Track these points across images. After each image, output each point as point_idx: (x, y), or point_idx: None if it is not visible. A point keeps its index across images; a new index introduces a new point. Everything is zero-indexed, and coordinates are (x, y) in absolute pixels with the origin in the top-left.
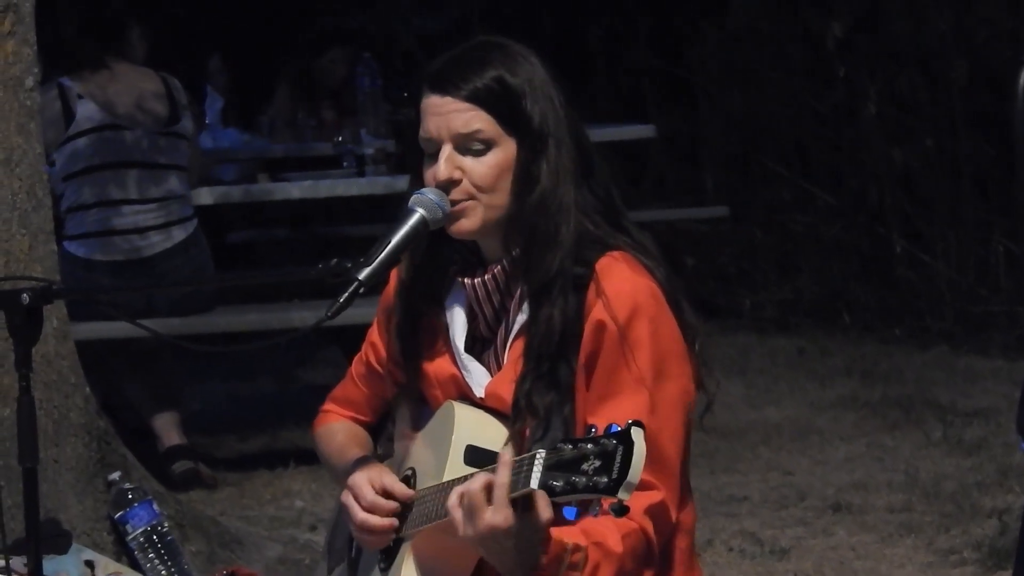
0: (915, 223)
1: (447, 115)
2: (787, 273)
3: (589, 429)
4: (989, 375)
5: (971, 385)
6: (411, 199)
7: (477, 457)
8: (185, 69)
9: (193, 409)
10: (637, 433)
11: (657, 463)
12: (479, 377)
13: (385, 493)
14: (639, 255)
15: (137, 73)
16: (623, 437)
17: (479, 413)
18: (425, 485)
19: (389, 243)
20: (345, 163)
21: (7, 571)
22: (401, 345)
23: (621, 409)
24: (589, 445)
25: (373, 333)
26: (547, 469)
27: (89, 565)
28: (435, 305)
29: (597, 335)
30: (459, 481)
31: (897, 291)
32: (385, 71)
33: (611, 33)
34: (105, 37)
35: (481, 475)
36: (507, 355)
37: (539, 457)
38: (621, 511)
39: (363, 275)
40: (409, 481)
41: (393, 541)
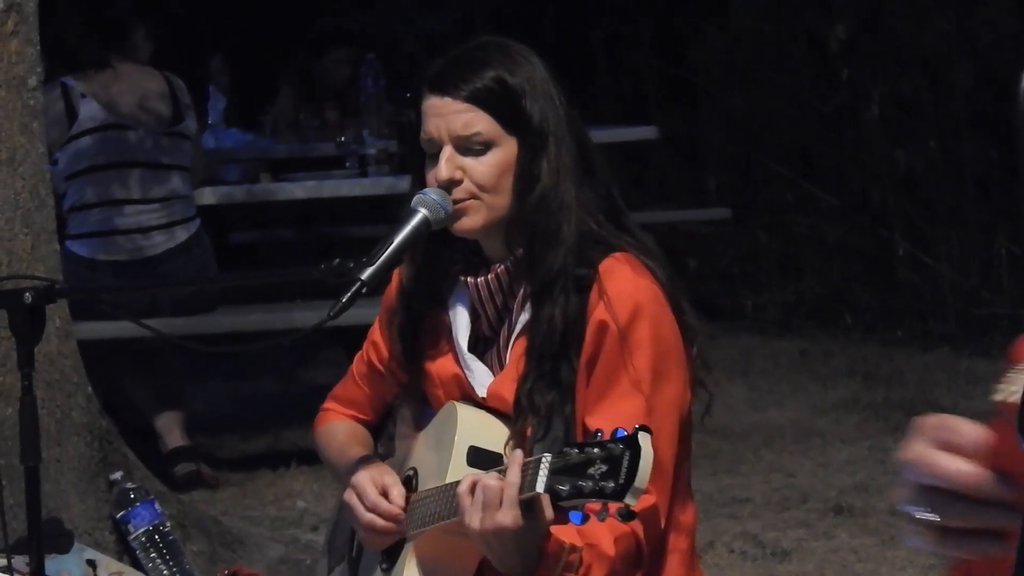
0: (918, 225)
1: (447, 116)
2: (789, 275)
3: (595, 433)
4: (992, 377)
5: (973, 387)
6: (413, 199)
7: (480, 458)
8: (188, 69)
9: (195, 409)
10: (644, 438)
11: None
12: (482, 377)
13: (384, 494)
14: (642, 256)
15: (141, 73)
16: (630, 442)
17: (481, 414)
18: (427, 486)
19: (392, 243)
20: (348, 163)
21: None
22: (403, 344)
23: (619, 410)
24: (596, 449)
25: (375, 332)
26: (553, 473)
27: (91, 565)
28: (438, 305)
29: (599, 336)
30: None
31: (899, 293)
32: (388, 72)
33: (613, 34)
34: (109, 37)
35: (493, 471)
36: (509, 355)
37: (545, 461)
38: (628, 516)
39: (366, 275)
40: (411, 481)
41: (394, 541)
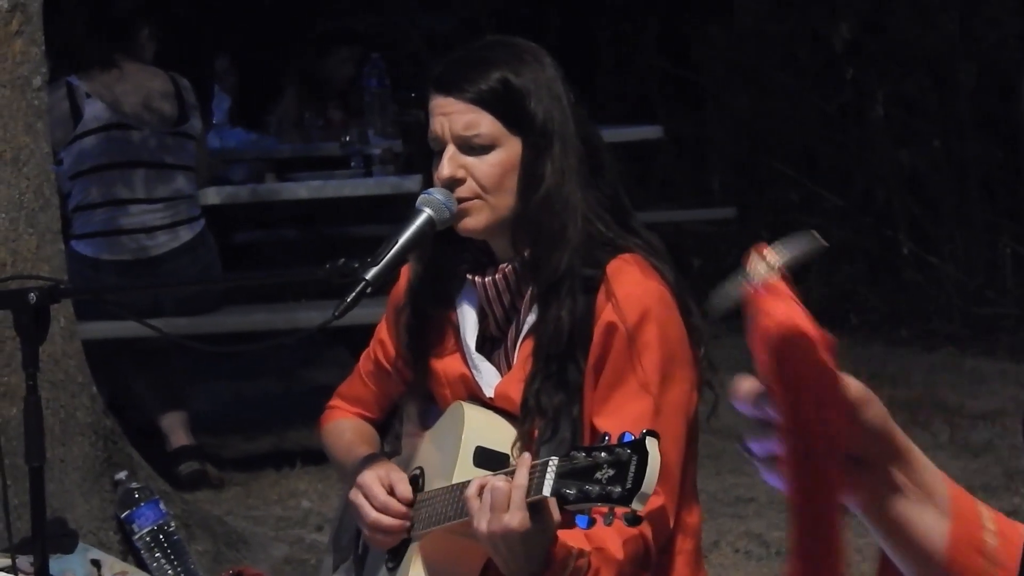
0: (922, 225)
1: (450, 116)
2: (794, 274)
3: (602, 437)
4: (996, 377)
5: (978, 387)
6: (418, 199)
7: (487, 459)
8: (192, 69)
9: (199, 409)
10: (651, 443)
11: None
12: (489, 377)
13: (392, 493)
14: (650, 257)
15: (146, 73)
16: (637, 447)
17: (488, 414)
18: (434, 485)
19: (396, 243)
20: (352, 163)
21: (14, 570)
22: (411, 343)
23: (626, 412)
24: (603, 454)
25: (382, 330)
26: (560, 477)
27: (95, 564)
28: (446, 304)
29: (607, 337)
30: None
31: (904, 293)
32: (392, 71)
33: (618, 34)
34: (114, 36)
35: (500, 474)
36: (517, 355)
37: (552, 464)
38: (634, 521)
39: (370, 275)
40: (417, 481)
41: (400, 541)
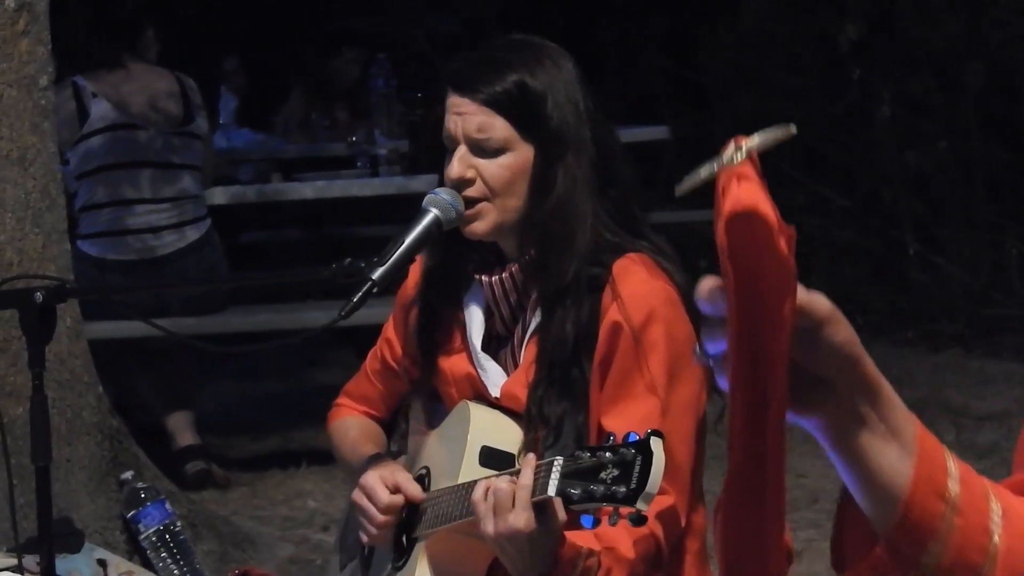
0: (928, 226)
1: (464, 116)
2: (800, 275)
3: (607, 437)
4: (1002, 378)
5: (984, 388)
6: (425, 199)
7: (492, 458)
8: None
9: (206, 409)
10: (656, 443)
11: (668, 468)
12: (495, 377)
13: (397, 491)
14: (657, 257)
15: (152, 73)
16: (642, 447)
17: (494, 414)
18: (439, 485)
19: (402, 243)
20: (359, 163)
21: (20, 570)
22: (418, 342)
23: (633, 412)
24: (607, 454)
25: (389, 329)
26: (564, 477)
27: (101, 564)
28: (453, 302)
29: (612, 337)
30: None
31: (910, 294)
32: (399, 72)
33: (624, 35)
34: (121, 36)
35: (505, 474)
36: (523, 354)
37: (557, 464)
38: (639, 521)
39: (376, 275)
40: (423, 480)
41: (407, 541)
